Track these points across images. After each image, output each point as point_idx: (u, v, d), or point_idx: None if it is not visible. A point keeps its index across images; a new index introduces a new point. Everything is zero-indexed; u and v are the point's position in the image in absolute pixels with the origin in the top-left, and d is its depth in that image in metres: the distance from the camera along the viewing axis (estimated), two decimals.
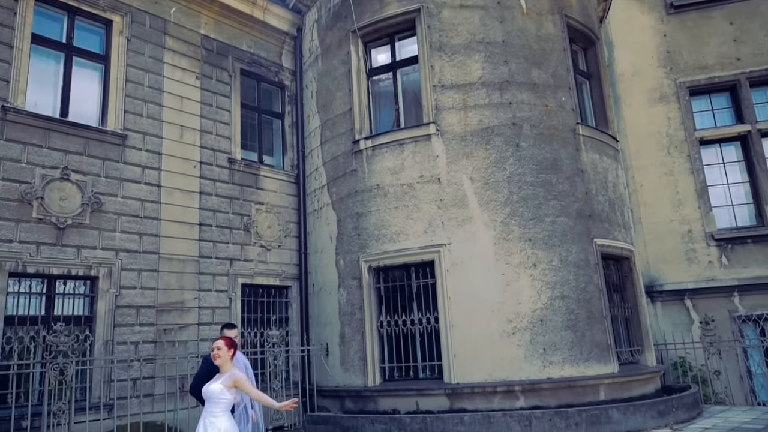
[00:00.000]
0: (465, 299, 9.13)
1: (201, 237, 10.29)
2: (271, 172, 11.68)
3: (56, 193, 8.65)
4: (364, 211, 10.20)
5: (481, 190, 9.49)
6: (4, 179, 8.19)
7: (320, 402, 10.29)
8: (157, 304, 9.47)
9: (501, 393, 8.72)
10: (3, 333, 7.77)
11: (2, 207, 8.11)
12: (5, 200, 8.15)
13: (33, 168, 8.51)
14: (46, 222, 8.48)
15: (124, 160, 9.56)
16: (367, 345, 9.73)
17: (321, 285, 10.93)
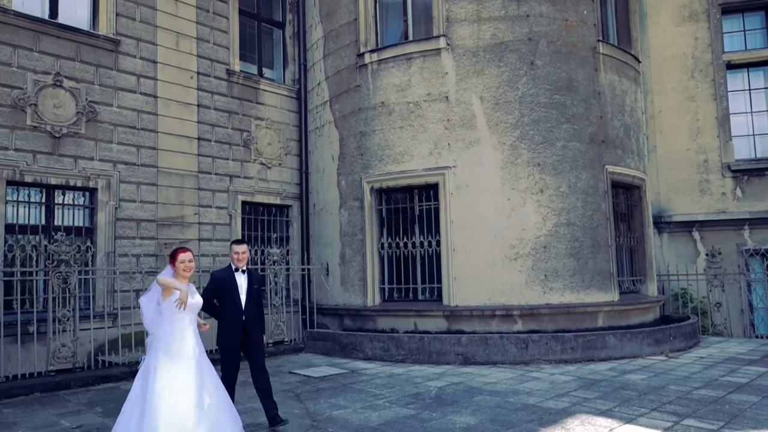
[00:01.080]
0: (468, 223, 8.95)
1: (200, 152, 10.02)
2: (272, 86, 11.19)
3: (50, 100, 8.34)
4: (368, 130, 9.82)
5: (491, 111, 9.04)
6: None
7: (320, 320, 10.42)
8: (157, 218, 9.37)
9: (499, 317, 8.73)
10: (5, 241, 7.78)
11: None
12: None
13: (24, 73, 8.15)
14: (41, 130, 8.23)
15: (118, 68, 9.13)
16: (368, 265, 9.69)
17: (322, 205, 10.76)
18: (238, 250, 5.26)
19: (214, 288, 5.20)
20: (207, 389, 4.29)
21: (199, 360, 4.35)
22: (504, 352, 8.26)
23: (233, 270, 5.27)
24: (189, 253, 4.61)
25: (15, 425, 5.42)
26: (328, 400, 6.21)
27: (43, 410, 6.06)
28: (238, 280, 5.23)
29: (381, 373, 7.77)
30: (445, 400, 6.08)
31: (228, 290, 5.18)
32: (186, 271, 4.54)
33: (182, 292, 4.34)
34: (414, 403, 5.96)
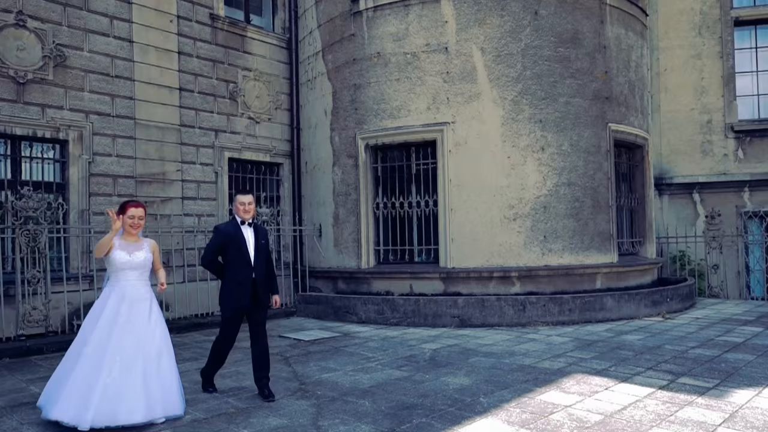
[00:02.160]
0: (467, 183, 8.57)
1: (182, 103, 9.39)
2: (260, 33, 10.49)
3: (12, 42, 7.63)
4: (363, 82, 9.27)
5: (492, 63, 8.54)
6: None
7: (312, 283, 10.10)
8: (136, 175, 8.82)
9: (497, 278, 8.48)
10: None
11: None
12: None
13: None
14: (3, 75, 7.55)
15: (89, 8, 8.38)
16: (362, 227, 9.32)
17: (314, 163, 10.27)
18: (243, 200, 4.66)
19: (218, 243, 4.64)
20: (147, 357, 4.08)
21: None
22: (501, 315, 8.05)
23: (239, 223, 4.68)
24: (141, 208, 4.26)
25: None
26: (318, 363, 5.94)
27: (12, 376, 5.67)
28: (245, 234, 4.65)
29: (374, 336, 7.52)
30: (440, 362, 5.86)
31: (234, 245, 4.59)
32: (133, 227, 4.20)
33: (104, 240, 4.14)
34: (407, 365, 5.74)
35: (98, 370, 3.85)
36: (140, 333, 4.05)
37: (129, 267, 4.12)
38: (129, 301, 4.07)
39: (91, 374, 3.84)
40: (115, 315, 4.01)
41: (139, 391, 3.89)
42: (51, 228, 7.29)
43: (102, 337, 3.94)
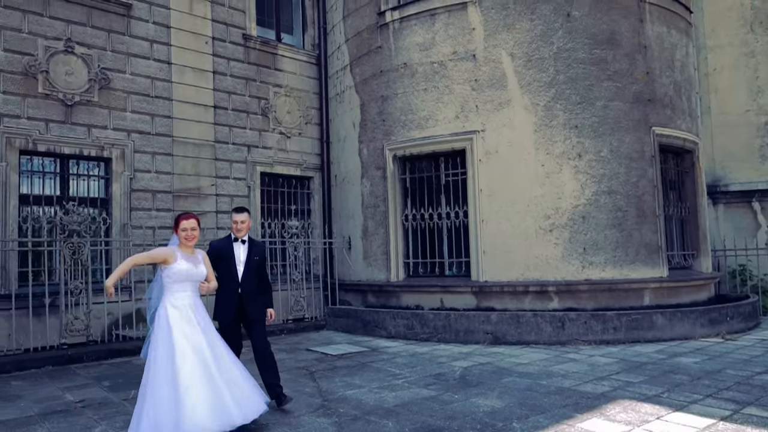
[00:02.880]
0: (498, 192, 8.25)
1: (216, 120, 9.62)
2: (290, 51, 10.66)
3: (61, 67, 8.07)
4: (390, 93, 9.18)
5: (522, 69, 8.26)
6: (6, 50, 7.65)
7: (342, 296, 9.96)
8: (173, 190, 9.05)
9: (533, 293, 8.05)
10: (19, 212, 7.62)
11: (7, 80, 7.63)
12: (9, 73, 7.66)
13: (35, 39, 7.90)
14: (53, 98, 7.99)
15: (131, 33, 8.78)
16: (391, 239, 9.14)
17: (343, 176, 10.23)
18: (237, 219, 4.88)
19: (210, 258, 4.75)
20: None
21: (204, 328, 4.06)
22: (538, 332, 7.61)
23: (232, 240, 4.90)
24: (193, 220, 4.22)
25: (19, 398, 5.19)
26: (343, 379, 5.74)
27: (51, 384, 5.83)
28: (236, 251, 4.86)
29: (403, 352, 7.26)
30: (470, 381, 5.53)
31: (224, 260, 4.79)
32: (188, 240, 4.16)
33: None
34: (436, 383, 5.43)
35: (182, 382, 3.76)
36: (210, 341, 4.02)
37: (189, 279, 4.09)
38: (193, 313, 4.03)
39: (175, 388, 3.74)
40: (186, 329, 3.93)
41: (228, 400, 3.86)
42: (93, 241, 7.56)
43: (181, 354, 3.82)
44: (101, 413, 4.67)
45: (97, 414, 4.64)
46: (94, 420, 4.46)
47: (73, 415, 4.63)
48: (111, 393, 5.37)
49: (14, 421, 4.48)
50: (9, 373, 6.37)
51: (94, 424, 4.35)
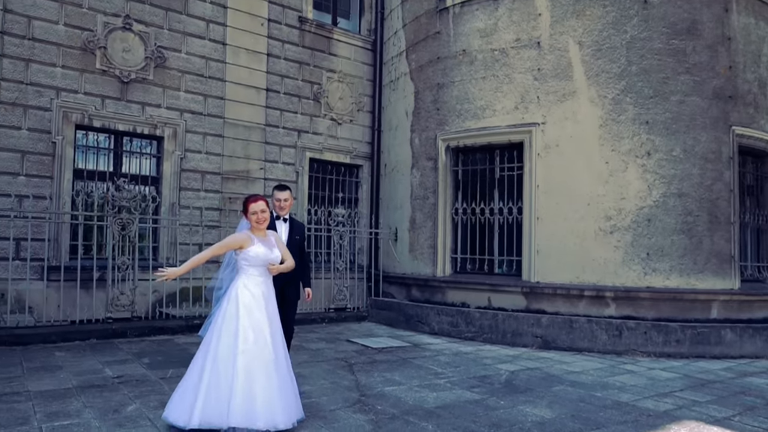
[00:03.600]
0: (556, 189, 7.78)
1: (268, 104, 9.52)
2: (346, 36, 10.43)
3: (119, 44, 8.13)
4: (446, 81, 8.82)
5: (590, 59, 7.73)
6: (66, 25, 7.74)
7: (386, 288, 9.72)
8: (222, 171, 9.02)
9: (588, 298, 7.55)
10: (73, 186, 7.73)
11: (66, 55, 7.73)
12: (68, 48, 7.75)
13: (95, 14, 7.97)
14: (109, 74, 8.05)
15: (188, 12, 8.76)
16: (439, 232, 8.80)
17: (393, 165, 9.95)
18: (280, 196, 4.75)
19: None
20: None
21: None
22: (592, 339, 7.13)
23: (273, 217, 4.70)
24: (262, 202, 3.94)
25: (60, 369, 5.21)
26: (383, 374, 5.49)
27: (93, 357, 5.85)
28: (278, 228, 4.71)
29: (446, 350, 6.95)
30: (517, 386, 5.17)
31: None
32: (259, 222, 3.92)
33: None
34: (480, 386, 5.11)
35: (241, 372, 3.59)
36: (274, 335, 3.82)
37: (265, 263, 3.89)
38: (264, 301, 3.85)
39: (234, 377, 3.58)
40: (256, 314, 3.76)
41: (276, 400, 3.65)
42: (142, 218, 7.58)
43: (240, 339, 3.65)
44: (137, 390, 4.59)
45: (133, 391, 4.56)
46: (129, 397, 4.38)
47: (109, 390, 4.57)
48: (149, 370, 5.32)
49: (52, 393, 4.45)
50: (54, 344, 6.45)
51: (128, 401, 4.27)
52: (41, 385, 4.65)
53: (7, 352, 5.95)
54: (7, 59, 7.33)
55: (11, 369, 5.23)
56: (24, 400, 4.23)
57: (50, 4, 7.63)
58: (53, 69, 7.64)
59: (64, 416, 3.88)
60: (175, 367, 5.41)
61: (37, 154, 7.51)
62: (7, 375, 4.99)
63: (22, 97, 7.42)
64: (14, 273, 7.01)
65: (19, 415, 3.88)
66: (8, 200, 7.01)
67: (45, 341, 6.41)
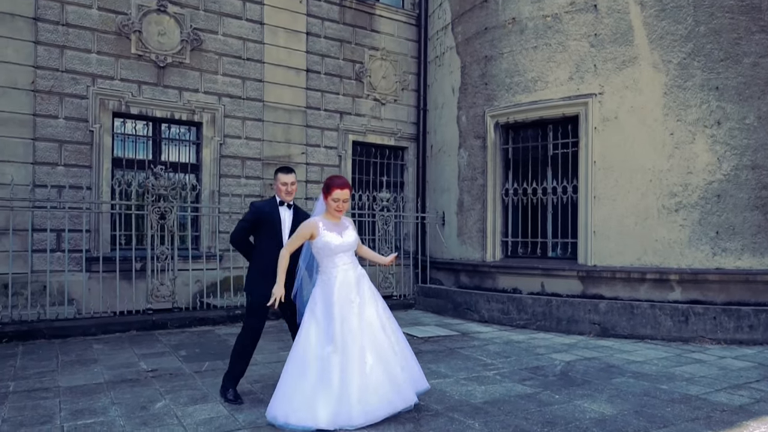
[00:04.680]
0: (615, 165, 7.18)
1: (308, 85, 9.26)
2: (388, 11, 10.01)
3: (154, 27, 8.02)
4: (494, 53, 8.29)
5: (653, 20, 7.03)
6: (100, 8, 7.66)
7: (433, 274, 9.38)
8: (262, 157, 8.87)
9: (650, 281, 6.97)
10: (112, 175, 7.71)
11: (101, 40, 7.67)
12: (103, 32, 7.68)
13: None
14: (145, 59, 7.96)
15: None
16: (488, 215, 8.36)
17: (440, 146, 9.52)
18: (286, 180, 4.18)
19: (252, 220, 4.17)
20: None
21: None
22: (655, 325, 6.58)
23: (277, 203, 4.22)
24: (348, 190, 3.71)
25: (95, 363, 5.16)
26: (428, 366, 5.17)
27: (130, 349, 5.79)
28: (282, 215, 4.19)
29: (496, 339, 6.57)
30: (574, 378, 4.75)
31: (268, 225, 4.14)
32: (338, 211, 3.71)
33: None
34: (532, 379, 4.72)
35: (353, 364, 3.46)
36: (375, 315, 3.69)
37: (342, 250, 3.68)
38: (356, 285, 3.68)
39: (345, 371, 3.44)
40: (349, 304, 3.60)
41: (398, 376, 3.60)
42: (181, 206, 7.47)
43: (344, 330, 3.51)
44: (169, 385, 4.45)
45: (165, 386, 4.42)
46: (160, 392, 4.24)
47: (140, 385, 4.46)
48: (185, 363, 5.19)
49: (82, 388, 4.37)
50: (94, 336, 6.44)
51: (158, 397, 4.12)
52: (72, 380, 4.58)
53: (46, 346, 5.96)
54: (41, 46, 7.32)
55: (46, 363, 5.20)
56: (52, 396, 4.16)
57: None
58: (88, 55, 7.59)
59: (89, 414, 3.75)
60: (211, 360, 5.28)
61: (74, 143, 7.51)
62: (40, 369, 4.96)
63: (58, 85, 7.41)
64: (54, 264, 7.06)
65: (44, 412, 3.78)
66: (45, 191, 7.04)
67: (85, 333, 6.41)
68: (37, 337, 6.14)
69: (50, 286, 6.87)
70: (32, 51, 7.23)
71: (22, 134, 7.16)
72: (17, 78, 7.13)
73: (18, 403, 3.96)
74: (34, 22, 7.25)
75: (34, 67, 7.25)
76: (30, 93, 7.22)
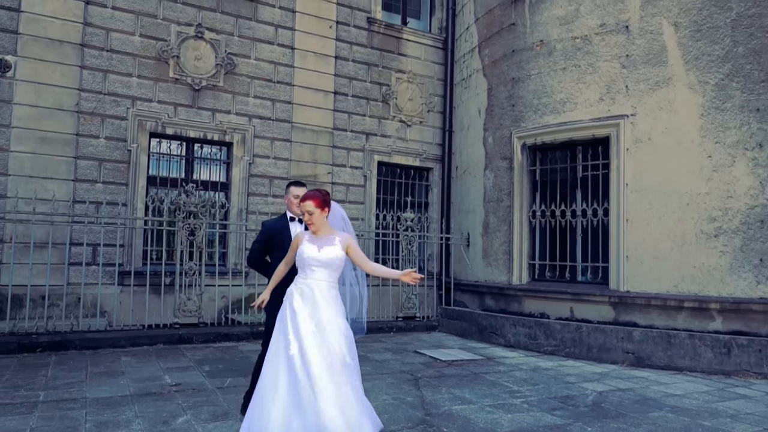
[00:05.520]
0: (649, 188, 6.97)
1: (336, 107, 9.36)
2: (415, 35, 10.10)
3: (191, 52, 8.26)
4: (522, 75, 8.23)
5: (688, 41, 6.88)
6: (142, 35, 7.96)
7: (458, 297, 9.20)
8: (289, 176, 8.92)
9: (689, 310, 6.67)
10: (147, 192, 7.89)
11: (141, 65, 7.95)
12: (144, 58, 7.97)
13: (169, 25, 8.15)
14: (182, 83, 8.20)
15: (257, 18, 8.79)
16: (515, 237, 8.19)
17: (465, 167, 9.44)
18: (298, 192, 3.96)
19: (263, 240, 4.06)
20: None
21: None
22: (694, 357, 6.26)
23: (287, 219, 4.08)
24: (309, 202, 3.43)
25: (122, 375, 5.19)
26: (451, 391, 5.02)
27: (156, 362, 5.82)
28: (293, 230, 4.00)
29: (523, 365, 6.35)
30: (607, 410, 4.52)
31: (279, 242, 3.96)
32: (309, 223, 3.49)
33: None
34: (562, 409, 4.51)
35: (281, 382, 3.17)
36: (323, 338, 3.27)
37: (315, 264, 3.39)
38: (310, 301, 3.34)
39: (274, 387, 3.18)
40: (294, 315, 3.31)
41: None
42: (210, 223, 7.57)
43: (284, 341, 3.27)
44: (191, 401, 4.41)
45: (187, 401, 4.39)
46: (182, 407, 4.20)
47: (164, 399, 4.44)
48: (208, 379, 5.17)
49: (107, 400, 4.38)
50: (123, 348, 6.51)
51: (181, 412, 4.08)
52: (99, 392, 4.61)
53: (77, 356, 6.06)
54: (86, 70, 7.62)
55: (75, 374, 5.26)
56: (79, 407, 4.17)
57: (127, 16, 7.88)
58: (129, 79, 7.87)
59: (113, 426, 3.75)
60: (234, 376, 5.24)
61: (113, 162, 7.74)
62: (70, 380, 5.01)
63: (100, 106, 7.69)
64: (89, 277, 7.22)
65: (70, 423, 3.79)
66: (84, 206, 7.24)
67: (114, 345, 6.50)
68: (69, 348, 6.27)
69: (84, 298, 7.05)
70: (78, 75, 7.53)
71: (65, 153, 7.41)
72: (63, 100, 7.42)
73: (46, 413, 3.99)
74: (80, 48, 7.57)
75: (79, 89, 7.54)
76: (74, 114, 7.50)
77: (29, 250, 6.66)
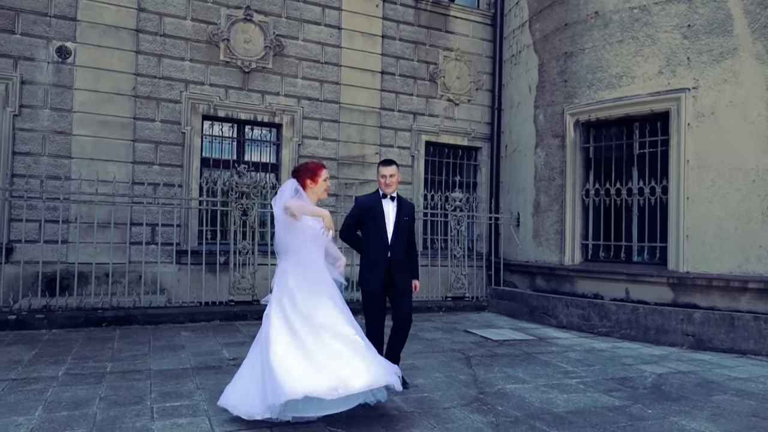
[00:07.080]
0: (712, 164, 6.66)
1: (383, 87, 9.32)
2: (463, 11, 9.89)
3: (240, 35, 8.37)
4: (575, 49, 7.95)
5: (755, 8, 6.48)
6: (193, 19, 8.11)
7: (507, 277, 9.10)
8: (338, 157, 8.99)
9: (753, 291, 6.38)
10: (200, 173, 8.11)
11: (193, 49, 8.11)
12: (195, 41, 8.13)
13: (219, 8, 8.27)
14: (232, 65, 8.33)
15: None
16: (567, 217, 8.01)
17: (515, 145, 9.25)
18: (385, 172, 4.23)
19: (355, 216, 4.27)
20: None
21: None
22: (759, 340, 6.00)
23: (380, 196, 4.27)
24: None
25: (182, 349, 5.41)
26: (504, 370, 4.99)
27: (214, 337, 6.03)
28: (385, 208, 4.23)
29: (576, 346, 6.25)
30: (668, 393, 4.39)
31: (371, 219, 4.19)
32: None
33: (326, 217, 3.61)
34: (620, 390, 4.41)
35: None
36: None
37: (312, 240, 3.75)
38: None
39: None
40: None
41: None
42: (261, 203, 7.73)
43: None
44: None
45: None
46: None
47: (222, 372, 4.59)
48: None
49: (170, 372, 4.58)
50: (182, 324, 6.77)
51: None
52: (162, 364, 4.81)
53: (140, 331, 6.35)
54: (141, 55, 7.84)
55: (139, 347, 5.51)
56: (144, 378, 4.38)
57: (179, 1, 8.03)
58: (182, 63, 8.05)
59: (176, 397, 3.91)
60: None
61: (168, 144, 7.97)
62: (135, 353, 5.26)
63: (155, 90, 7.91)
64: (149, 256, 7.52)
65: (137, 393, 3.98)
66: (142, 188, 7.51)
67: (174, 321, 6.76)
68: (132, 323, 6.57)
69: (144, 276, 7.36)
70: (134, 60, 7.76)
71: (124, 136, 7.68)
72: (121, 85, 7.68)
73: (114, 383, 4.20)
74: (135, 33, 7.78)
75: (135, 74, 7.77)
76: (131, 98, 7.75)
77: (93, 230, 7.00)
